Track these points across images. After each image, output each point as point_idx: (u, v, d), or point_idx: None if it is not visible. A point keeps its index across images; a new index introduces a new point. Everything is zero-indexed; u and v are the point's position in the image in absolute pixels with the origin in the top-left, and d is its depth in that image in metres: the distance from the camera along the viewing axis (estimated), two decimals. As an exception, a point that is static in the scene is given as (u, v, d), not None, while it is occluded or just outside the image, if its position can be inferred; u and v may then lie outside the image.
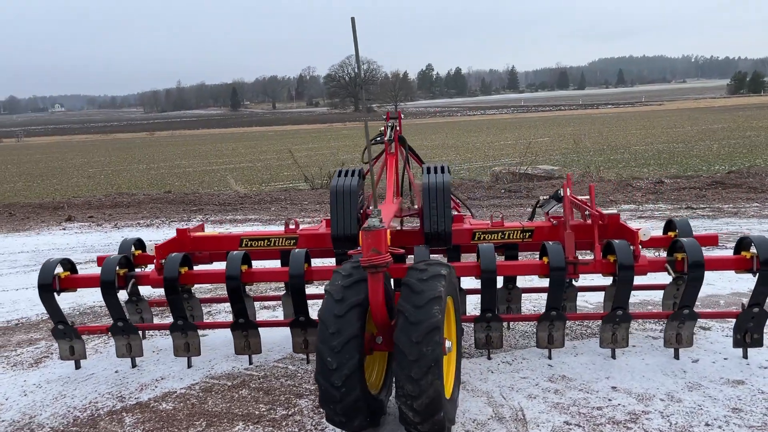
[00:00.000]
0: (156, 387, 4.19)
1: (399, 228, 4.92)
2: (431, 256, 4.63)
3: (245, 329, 4.30)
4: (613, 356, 4.32)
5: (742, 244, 4.14)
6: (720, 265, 4.27)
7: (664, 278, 4.58)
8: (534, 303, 5.51)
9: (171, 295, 4.22)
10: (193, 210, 12.12)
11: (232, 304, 4.21)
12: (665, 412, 3.55)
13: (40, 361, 4.75)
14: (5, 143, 75.07)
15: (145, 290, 4.95)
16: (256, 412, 3.77)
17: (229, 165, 29.17)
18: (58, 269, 4.36)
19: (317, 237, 4.68)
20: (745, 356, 4.23)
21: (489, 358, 4.40)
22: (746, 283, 5.94)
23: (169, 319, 4.46)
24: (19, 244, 9.55)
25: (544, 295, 4.42)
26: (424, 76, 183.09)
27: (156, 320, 5.15)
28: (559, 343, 4.26)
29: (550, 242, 4.15)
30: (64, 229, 10.70)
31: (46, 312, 4.40)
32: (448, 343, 3.34)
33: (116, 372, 4.46)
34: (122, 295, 4.44)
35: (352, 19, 3.06)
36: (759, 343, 4.12)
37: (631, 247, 4.08)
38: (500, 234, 4.54)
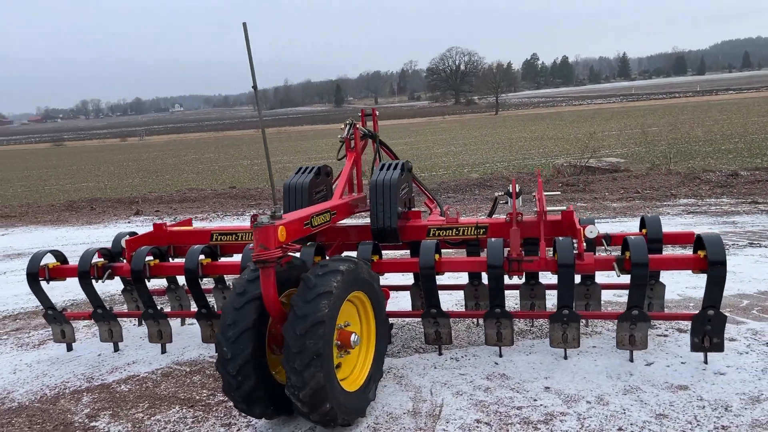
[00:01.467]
0: (125, 370, 4.54)
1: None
2: (388, 252, 4.70)
3: (209, 319, 4.55)
4: (565, 356, 4.21)
5: (700, 243, 3.91)
6: (671, 264, 4.06)
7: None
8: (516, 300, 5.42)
9: (138, 285, 4.54)
10: (251, 204, 12.68)
11: (193, 295, 4.47)
12: (584, 415, 3.45)
13: (43, 344, 5.24)
14: (129, 142, 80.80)
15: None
16: (197, 397, 4.01)
17: (327, 161, 29.38)
18: (48, 260, 4.80)
19: None
20: (705, 361, 4.00)
21: (440, 354, 4.41)
22: (758, 284, 5.56)
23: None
24: (85, 235, 10.43)
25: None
26: (528, 66, 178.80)
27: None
28: (508, 341, 4.21)
29: (493, 239, 4.11)
30: (129, 222, 11.55)
31: (83, 298, 4.87)
32: (354, 337, 3.43)
33: (99, 355, 4.86)
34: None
35: (244, 24, 3.20)
36: (719, 348, 3.88)
37: (575, 245, 3.96)
38: (454, 230, 4.52)
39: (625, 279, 4.69)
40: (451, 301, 5.49)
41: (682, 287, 5.54)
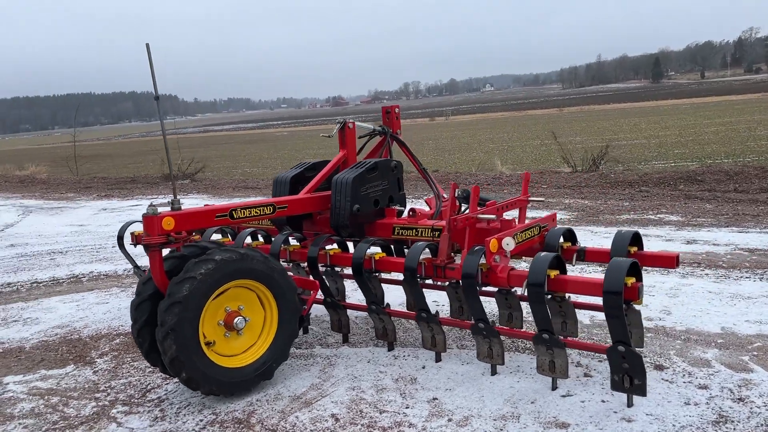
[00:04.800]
0: (163, 323, 5.51)
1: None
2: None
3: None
4: (492, 372, 3.98)
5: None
6: (573, 288, 3.51)
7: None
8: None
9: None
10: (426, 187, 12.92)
11: None
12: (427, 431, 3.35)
13: (145, 294, 6.52)
14: (437, 121, 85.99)
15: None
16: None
17: (618, 141, 24.80)
18: (135, 228, 5.99)
19: None
20: (629, 404, 3.45)
21: (389, 350, 4.49)
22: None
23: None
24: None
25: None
26: None
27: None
28: (441, 346, 4.15)
29: (419, 243, 4.07)
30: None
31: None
32: (238, 320, 3.84)
33: (164, 309, 5.93)
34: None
35: (147, 45, 3.76)
36: (640, 391, 3.34)
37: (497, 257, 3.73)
38: (414, 231, 4.50)
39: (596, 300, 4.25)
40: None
41: (729, 320, 4.59)
